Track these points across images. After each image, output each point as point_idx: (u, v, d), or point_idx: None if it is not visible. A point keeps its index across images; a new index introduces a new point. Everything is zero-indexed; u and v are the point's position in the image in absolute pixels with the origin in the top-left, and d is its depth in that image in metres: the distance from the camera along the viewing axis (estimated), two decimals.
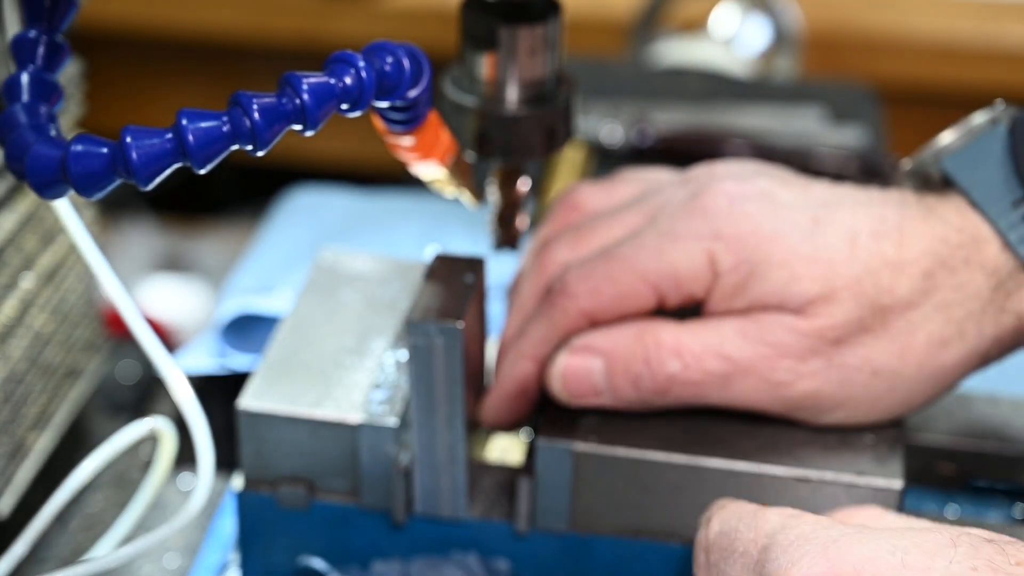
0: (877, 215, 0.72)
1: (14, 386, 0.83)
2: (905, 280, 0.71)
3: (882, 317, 0.71)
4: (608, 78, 1.44)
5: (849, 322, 0.71)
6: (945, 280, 0.71)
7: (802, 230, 0.72)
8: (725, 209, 0.72)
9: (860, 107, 1.40)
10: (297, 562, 0.77)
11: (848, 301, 0.71)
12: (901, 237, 0.71)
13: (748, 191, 0.73)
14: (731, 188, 0.73)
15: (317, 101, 0.61)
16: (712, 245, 0.72)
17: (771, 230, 0.72)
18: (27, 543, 0.73)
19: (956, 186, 0.73)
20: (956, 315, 0.71)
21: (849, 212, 0.72)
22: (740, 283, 0.72)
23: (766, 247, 0.71)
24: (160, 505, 0.90)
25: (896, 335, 0.71)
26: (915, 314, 0.71)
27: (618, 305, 0.74)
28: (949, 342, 0.71)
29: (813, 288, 0.71)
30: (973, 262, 0.71)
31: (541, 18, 0.75)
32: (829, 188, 0.74)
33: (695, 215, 0.73)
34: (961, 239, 0.71)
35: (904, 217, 0.72)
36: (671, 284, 0.73)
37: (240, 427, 0.74)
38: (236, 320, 0.96)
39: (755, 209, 0.72)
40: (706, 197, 0.73)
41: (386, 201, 1.16)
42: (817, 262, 0.71)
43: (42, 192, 0.62)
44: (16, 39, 0.71)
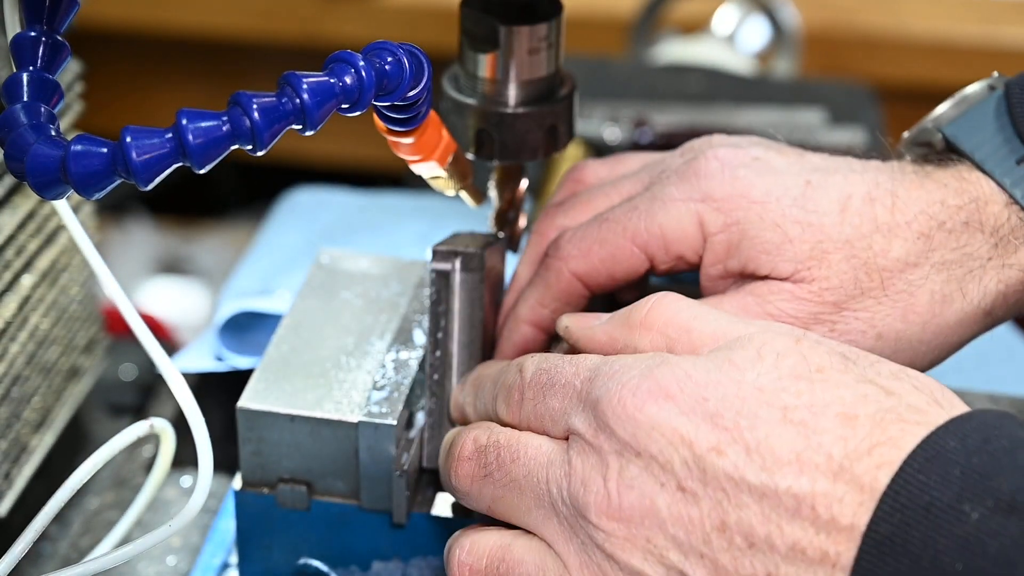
0: (871, 180, 0.72)
1: (14, 386, 0.83)
2: (899, 242, 0.71)
3: (879, 279, 0.71)
4: (609, 76, 1.44)
5: (844, 283, 0.71)
6: (943, 241, 0.71)
7: (793, 194, 0.72)
8: (717, 172, 0.73)
9: (860, 107, 1.40)
10: (297, 562, 0.77)
11: (840, 263, 0.71)
12: (894, 201, 0.71)
13: (742, 156, 0.74)
14: (725, 154, 0.74)
15: (317, 101, 0.61)
16: (701, 207, 0.73)
17: (763, 193, 0.72)
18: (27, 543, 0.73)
19: (958, 149, 0.73)
20: (956, 273, 0.71)
21: (842, 177, 0.73)
22: (731, 244, 0.72)
23: (757, 208, 0.72)
24: (160, 505, 0.90)
25: (897, 296, 0.71)
26: (914, 274, 0.71)
27: (608, 267, 0.75)
28: (951, 300, 0.71)
29: (803, 249, 0.71)
30: (973, 223, 0.71)
31: (541, 17, 0.75)
32: (825, 156, 0.75)
33: (687, 179, 0.74)
34: (960, 201, 0.71)
35: (899, 183, 0.72)
36: (659, 245, 0.73)
37: (240, 427, 0.74)
38: (236, 320, 0.96)
39: (747, 173, 0.73)
40: (700, 162, 0.74)
41: (386, 201, 1.16)
42: (808, 225, 0.71)
43: (42, 192, 0.62)
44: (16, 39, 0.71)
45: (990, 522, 0.52)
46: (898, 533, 0.53)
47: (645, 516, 0.58)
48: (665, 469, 0.58)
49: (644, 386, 0.59)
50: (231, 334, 0.95)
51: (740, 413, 0.58)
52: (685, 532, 0.57)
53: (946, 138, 0.74)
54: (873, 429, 0.56)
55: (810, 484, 0.55)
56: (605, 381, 0.61)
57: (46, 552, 0.90)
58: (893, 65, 1.87)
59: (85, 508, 0.93)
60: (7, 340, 0.82)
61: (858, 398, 0.57)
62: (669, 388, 0.59)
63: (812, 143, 1.28)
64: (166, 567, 0.84)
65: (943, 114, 0.75)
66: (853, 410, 0.57)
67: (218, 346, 0.94)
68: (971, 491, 0.53)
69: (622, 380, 0.60)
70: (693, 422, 0.58)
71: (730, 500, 0.56)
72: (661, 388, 0.59)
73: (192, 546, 0.85)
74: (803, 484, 0.56)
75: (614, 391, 0.60)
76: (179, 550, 0.85)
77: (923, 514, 0.53)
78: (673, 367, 0.59)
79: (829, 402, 0.57)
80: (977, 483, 0.53)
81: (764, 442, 0.57)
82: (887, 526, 0.53)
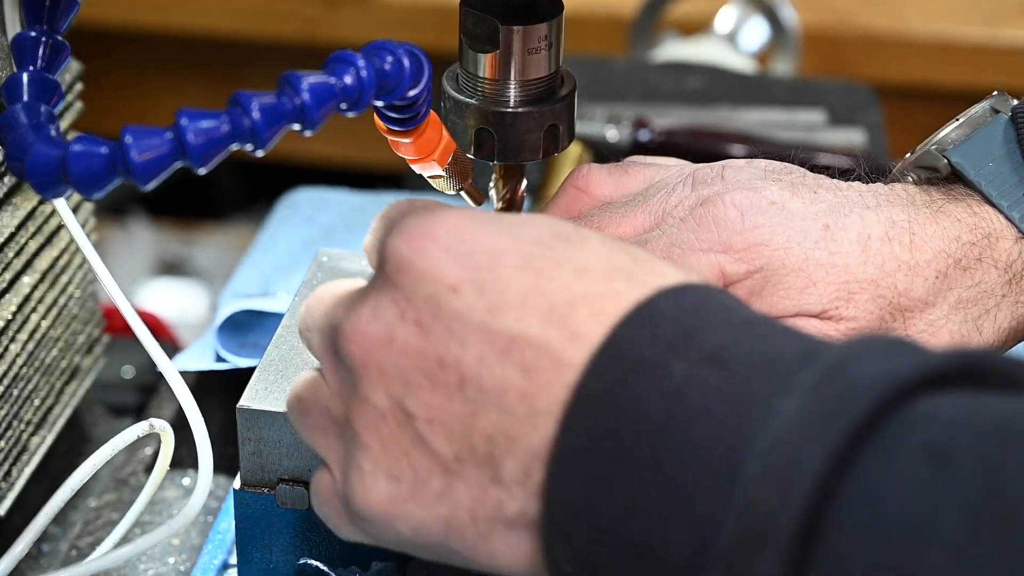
0: (886, 218, 0.72)
1: (14, 386, 0.83)
2: (920, 281, 0.71)
3: (903, 319, 0.71)
4: (609, 76, 1.44)
5: (871, 324, 0.71)
6: (960, 279, 0.71)
7: (814, 238, 0.71)
8: (736, 222, 0.72)
9: (860, 107, 1.40)
10: (297, 562, 0.77)
11: (868, 303, 0.71)
12: (912, 239, 0.71)
13: (758, 202, 0.73)
14: (741, 200, 0.73)
15: (317, 100, 0.61)
16: (722, 257, 0.72)
17: (784, 240, 0.72)
18: (27, 543, 0.73)
19: (965, 179, 0.73)
20: (973, 313, 0.71)
21: (858, 216, 0.72)
22: (754, 290, 0.72)
23: (780, 255, 0.71)
24: (160, 505, 0.90)
25: (918, 337, 0.71)
26: (934, 314, 0.71)
27: None
28: (968, 340, 0.71)
29: (830, 291, 0.71)
30: (986, 259, 0.71)
31: (541, 17, 0.75)
32: (836, 191, 0.74)
33: (705, 226, 0.73)
34: (974, 238, 0.71)
35: (914, 219, 0.72)
36: None
37: (240, 427, 0.74)
38: (236, 320, 0.96)
39: (766, 220, 0.72)
40: (717, 209, 0.73)
41: (386, 201, 1.16)
42: (832, 267, 0.71)
43: (42, 192, 0.62)
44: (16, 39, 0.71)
45: (692, 374, 0.52)
46: (608, 390, 0.53)
47: (381, 345, 0.59)
48: (410, 303, 0.58)
49: (417, 230, 0.60)
50: (231, 334, 0.95)
51: (488, 256, 0.58)
52: (411, 365, 0.58)
53: (951, 164, 0.74)
54: (597, 283, 0.56)
55: (524, 327, 0.56)
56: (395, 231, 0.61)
57: (46, 552, 0.90)
58: (893, 65, 1.87)
59: (85, 508, 0.93)
60: (7, 340, 0.82)
61: (601, 258, 0.58)
62: (436, 231, 0.59)
63: (812, 143, 1.28)
64: (166, 567, 0.84)
65: (947, 136, 0.75)
66: (589, 265, 0.57)
67: (218, 346, 0.94)
68: (678, 347, 0.53)
69: (403, 226, 0.60)
70: (444, 261, 0.58)
71: (454, 337, 0.57)
72: (430, 231, 0.59)
73: (192, 546, 0.85)
74: (518, 326, 0.56)
75: (395, 235, 0.60)
76: (179, 550, 0.85)
77: (632, 369, 0.53)
78: (449, 213, 0.60)
79: (572, 257, 0.58)
80: (684, 339, 0.53)
81: (496, 284, 0.57)
82: (597, 383, 0.54)
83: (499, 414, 0.56)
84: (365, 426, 0.60)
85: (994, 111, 0.75)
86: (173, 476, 0.91)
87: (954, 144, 0.74)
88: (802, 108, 1.37)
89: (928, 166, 0.75)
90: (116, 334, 1.04)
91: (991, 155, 0.73)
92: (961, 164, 0.73)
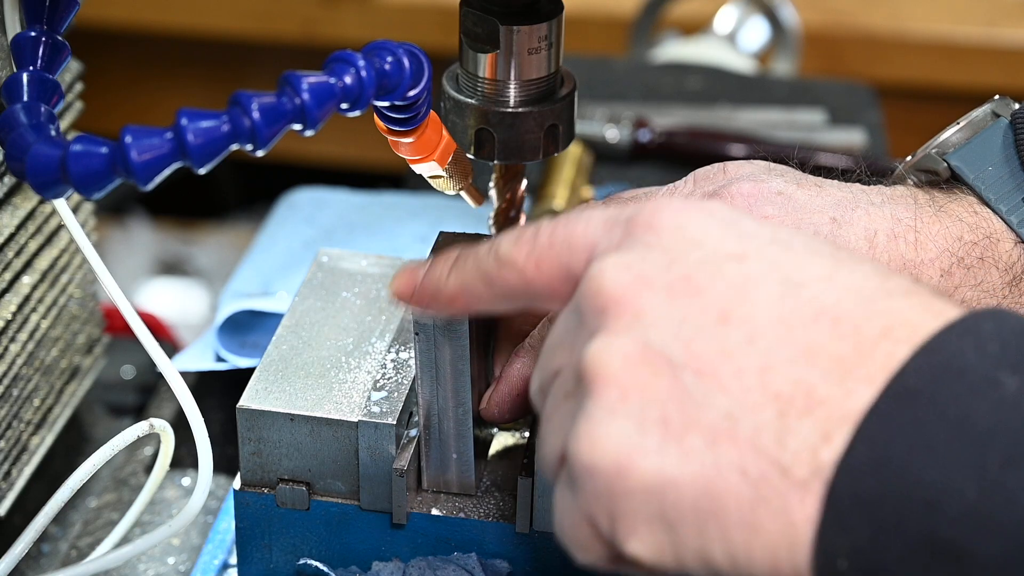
0: (891, 215, 0.72)
1: (14, 386, 0.83)
2: (924, 280, 0.71)
3: None
4: (609, 76, 1.44)
5: None
6: (963, 278, 0.71)
7: (822, 232, 0.72)
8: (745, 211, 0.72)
9: (860, 107, 1.40)
10: (297, 562, 0.77)
11: None
12: (917, 237, 0.71)
13: (765, 192, 0.73)
14: (748, 189, 0.73)
15: (317, 100, 0.61)
16: None
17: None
18: (27, 543, 0.73)
19: (965, 182, 0.73)
20: None
21: (864, 212, 0.72)
22: None
23: None
24: (160, 505, 0.90)
25: None
26: None
27: None
28: None
29: None
30: (988, 259, 0.71)
31: (541, 17, 0.75)
32: (840, 187, 0.74)
33: None
34: (976, 237, 0.72)
35: (918, 217, 0.72)
36: None
37: (240, 427, 0.74)
38: (236, 320, 0.96)
39: (774, 211, 0.72)
40: (723, 199, 0.73)
41: (386, 201, 1.16)
42: None
43: (42, 192, 0.62)
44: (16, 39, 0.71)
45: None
46: (926, 388, 0.49)
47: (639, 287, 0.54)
48: (677, 261, 0.54)
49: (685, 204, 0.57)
50: (231, 334, 0.95)
51: (770, 240, 0.55)
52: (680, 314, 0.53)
53: (951, 168, 0.74)
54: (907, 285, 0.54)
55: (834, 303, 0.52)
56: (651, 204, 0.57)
57: (46, 552, 0.90)
58: (893, 65, 1.87)
59: (85, 508, 0.93)
60: (7, 340, 0.82)
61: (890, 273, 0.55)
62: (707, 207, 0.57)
63: (812, 143, 1.28)
64: (166, 567, 0.84)
65: (947, 140, 0.75)
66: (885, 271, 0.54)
67: (218, 346, 0.94)
68: (1009, 363, 0.50)
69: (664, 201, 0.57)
70: (724, 234, 0.55)
71: (745, 297, 0.53)
72: (700, 206, 0.57)
73: (192, 546, 0.85)
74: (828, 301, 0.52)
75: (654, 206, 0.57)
76: (179, 550, 0.85)
77: (956, 376, 0.49)
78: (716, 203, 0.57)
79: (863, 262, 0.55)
80: (1017, 357, 0.50)
81: (790, 262, 0.54)
82: (915, 380, 0.50)
83: (803, 374, 0.51)
84: (603, 374, 0.54)
85: (995, 115, 0.75)
86: (173, 476, 0.91)
87: (954, 148, 0.74)
88: (802, 108, 1.37)
89: (928, 169, 0.75)
90: (116, 334, 1.04)
91: (991, 159, 0.73)
92: (961, 168, 0.73)
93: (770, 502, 0.51)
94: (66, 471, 0.75)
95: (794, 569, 0.51)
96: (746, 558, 0.52)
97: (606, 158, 1.28)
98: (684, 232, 0.55)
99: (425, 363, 0.72)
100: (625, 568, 0.57)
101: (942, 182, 0.75)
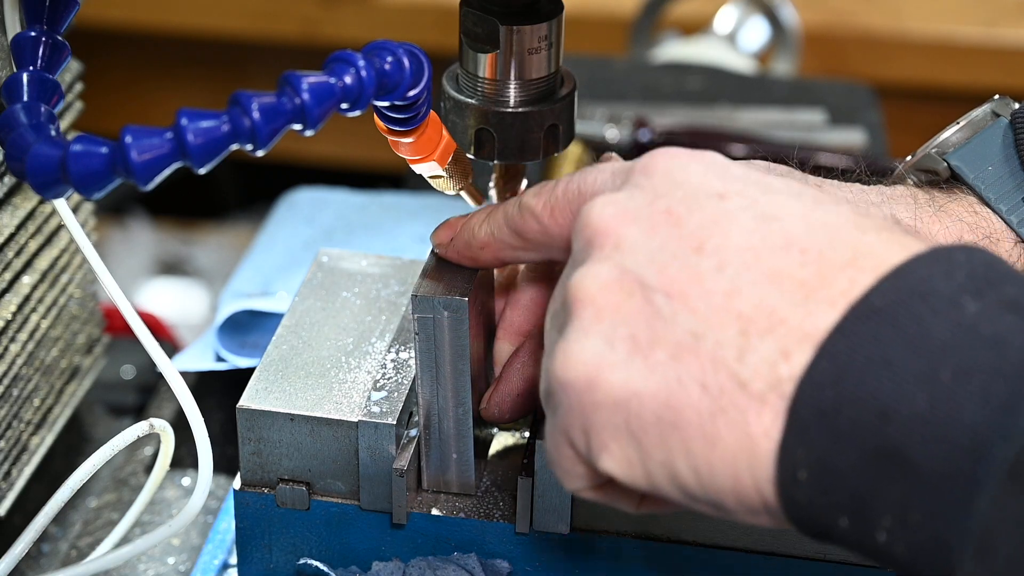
0: (891, 215, 0.72)
1: (14, 386, 0.83)
2: None
3: None
4: (609, 76, 1.44)
5: None
6: None
7: None
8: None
9: (860, 107, 1.40)
10: (297, 562, 0.77)
11: None
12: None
13: None
14: None
15: (317, 100, 0.61)
16: None
17: None
18: (27, 543, 0.73)
19: (965, 182, 0.73)
20: None
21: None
22: None
23: None
24: (160, 505, 0.90)
25: None
26: None
27: None
28: None
29: None
30: None
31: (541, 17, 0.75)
32: (840, 188, 0.74)
33: None
34: (975, 236, 0.72)
35: (918, 217, 0.72)
36: None
37: (240, 427, 0.74)
38: (236, 320, 0.96)
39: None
40: None
41: (386, 201, 1.16)
42: None
43: (42, 192, 0.62)
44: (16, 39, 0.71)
45: (988, 312, 0.51)
46: (888, 308, 0.52)
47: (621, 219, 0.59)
48: (661, 196, 0.58)
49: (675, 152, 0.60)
50: (231, 334, 0.95)
51: (755, 183, 0.58)
52: (657, 243, 0.57)
53: (951, 167, 0.74)
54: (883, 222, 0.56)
55: (804, 235, 0.55)
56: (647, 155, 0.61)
57: (46, 552, 0.90)
58: (893, 65, 1.87)
59: (85, 508, 0.93)
60: (7, 340, 0.82)
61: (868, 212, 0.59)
62: (695, 154, 0.60)
63: (812, 143, 1.28)
64: (166, 567, 0.84)
65: (947, 139, 0.75)
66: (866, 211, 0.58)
67: (218, 346, 0.94)
68: (973, 289, 0.52)
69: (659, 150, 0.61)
70: (708, 175, 0.59)
71: (718, 229, 0.56)
72: (690, 153, 0.60)
73: (192, 546, 0.85)
74: (798, 232, 0.55)
75: (649, 155, 0.61)
76: (179, 550, 0.85)
77: (920, 299, 0.52)
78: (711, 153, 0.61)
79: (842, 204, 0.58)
80: (981, 284, 0.52)
81: (769, 204, 0.57)
82: (879, 300, 0.52)
83: (767, 296, 0.54)
84: (581, 297, 0.58)
85: (995, 115, 0.75)
86: (173, 476, 0.91)
87: (954, 147, 0.74)
88: (802, 108, 1.37)
89: (928, 169, 0.75)
90: (116, 334, 1.04)
91: (990, 159, 0.73)
92: (960, 168, 0.73)
93: (728, 413, 0.53)
94: (66, 471, 0.75)
95: (755, 482, 0.53)
96: (708, 471, 0.54)
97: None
98: (673, 174, 0.59)
99: (425, 363, 0.72)
100: (610, 496, 0.61)
101: (942, 182, 0.75)
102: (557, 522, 0.74)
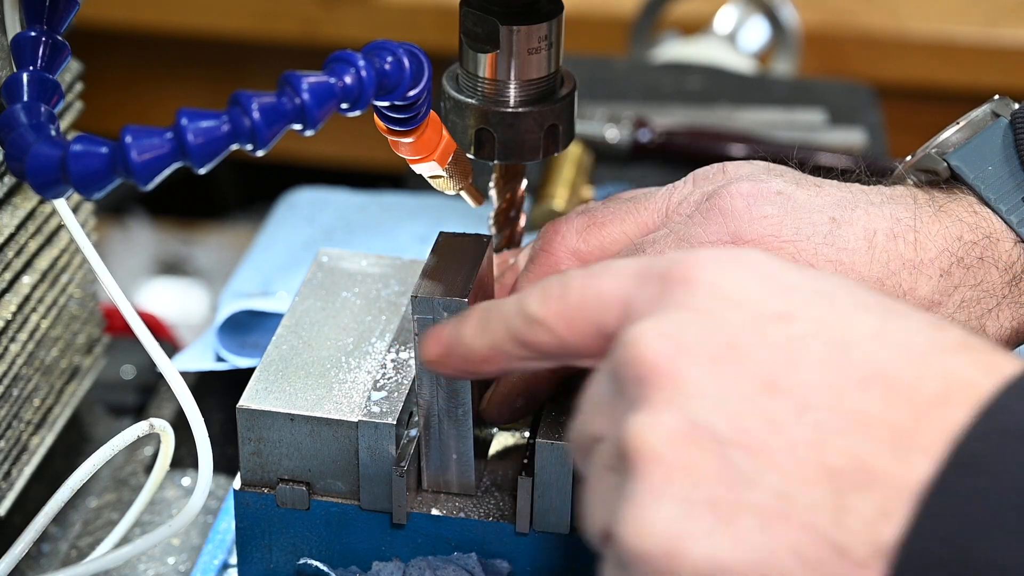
0: (890, 214, 0.72)
1: (14, 386, 0.83)
2: (924, 279, 0.71)
3: None
4: (609, 76, 1.44)
5: None
6: (963, 278, 0.71)
7: (822, 232, 0.71)
8: (743, 211, 0.72)
9: (860, 107, 1.40)
10: (297, 562, 0.77)
11: None
12: (916, 237, 0.72)
13: (764, 191, 0.73)
14: (748, 189, 0.73)
15: (317, 100, 0.61)
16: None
17: (793, 232, 0.71)
18: (27, 543, 0.73)
19: (965, 182, 0.73)
20: (976, 312, 0.71)
21: (864, 212, 0.72)
22: None
23: (789, 248, 0.71)
24: (160, 505, 0.90)
25: None
26: (939, 312, 0.71)
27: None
28: None
29: None
30: (988, 259, 0.71)
31: (541, 17, 0.75)
32: (840, 187, 0.74)
33: (712, 218, 0.72)
34: (975, 237, 0.72)
35: (917, 217, 0.72)
36: None
37: (240, 427, 0.74)
38: (236, 320, 0.96)
39: (774, 211, 0.72)
40: (722, 199, 0.73)
41: (386, 201, 1.16)
42: (840, 264, 0.71)
43: (42, 192, 0.62)
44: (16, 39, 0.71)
45: None
46: (989, 456, 0.47)
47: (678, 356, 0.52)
48: (720, 325, 0.52)
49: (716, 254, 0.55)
50: (231, 334, 0.95)
51: (814, 293, 0.53)
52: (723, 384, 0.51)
53: (951, 167, 0.74)
54: (962, 338, 0.51)
55: (885, 364, 0.50)
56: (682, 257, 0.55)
57: (46, 552, 0.90)
58: (893, 65, 1.87)
59: (85, 508, 0.93)
60: (7, 340, 0.82)
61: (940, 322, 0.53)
62: (741, 257, 0.54)
63: (812, 143, 1.28)
64: (166, 567, 0.84)
65: (947, 140, 0.75)
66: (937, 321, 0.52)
67: (218, 346, 0.94)
68: None
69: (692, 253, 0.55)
70: (765, 290, 0.53)
71: (792, 363, 0.51)
72: (734, 256, 0.55)
73: (192, 546, 0.85)
74: (878, 362, 0.50)
75: (684, 260, 0.54)
76: (179, 550, 0.85)
77: (1020, 441, 0.47)
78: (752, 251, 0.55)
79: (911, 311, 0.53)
80: None
81: (836, 321, 0.52)
82: (977, 447, 0.48)
83: (856, 446, 0.49)
84: (645, 453, 0.51)
85: (995, 115, 0.75)
86: (173, 476, 0.91)
87: (954, 148, 0.74)
88: (802, 108, 1.37)
89: (928, 169, 0.75)
90: (116, 334, 1.04)
91: (990, 159, 0.73)
92: (960, 168, 0.73)
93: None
94: (66, 471, 0.75)
95: None
96: None
97: (606, 158, 1.28)
98: (724, 289, 0.53)
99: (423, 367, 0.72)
100: None
101: (942, 182, 0.75)
102: (557, 522, 0.74)
